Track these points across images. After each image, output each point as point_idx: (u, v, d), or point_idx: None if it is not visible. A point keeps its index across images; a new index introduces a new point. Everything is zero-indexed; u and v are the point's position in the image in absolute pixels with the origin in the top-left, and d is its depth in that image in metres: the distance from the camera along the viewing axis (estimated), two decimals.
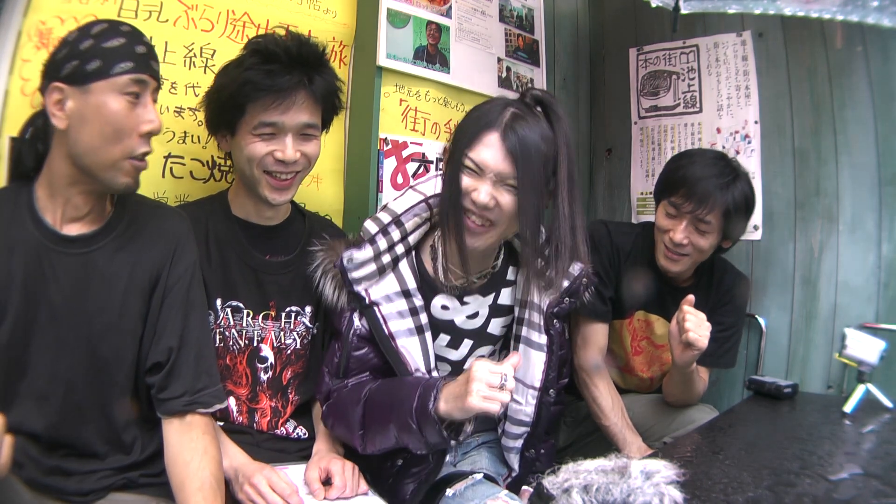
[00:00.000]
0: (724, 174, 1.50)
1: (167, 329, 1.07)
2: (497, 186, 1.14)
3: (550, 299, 1.29)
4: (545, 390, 1.31)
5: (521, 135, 1.12)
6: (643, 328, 1.70)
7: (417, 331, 1.25)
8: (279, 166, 1.21)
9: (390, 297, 1.23)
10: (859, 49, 1.87)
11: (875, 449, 1.25)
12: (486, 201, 1.13)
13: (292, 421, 1.34)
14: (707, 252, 1.56)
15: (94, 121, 0.95)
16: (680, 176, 1.53)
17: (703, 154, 1.59)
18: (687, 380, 1.53)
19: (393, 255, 1.24)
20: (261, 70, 1.16)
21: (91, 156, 0.96)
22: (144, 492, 1.07)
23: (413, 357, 1.23)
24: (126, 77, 0.96)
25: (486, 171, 1.14)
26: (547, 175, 1.16)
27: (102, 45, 0.95)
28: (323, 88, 1.23)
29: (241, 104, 1.18)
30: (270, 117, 1.18)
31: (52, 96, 0.94)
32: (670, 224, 1.54)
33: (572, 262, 1.26)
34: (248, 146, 1.20)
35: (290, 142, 1.21)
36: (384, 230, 1.24)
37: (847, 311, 1.89)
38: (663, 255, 1.58)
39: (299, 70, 1.19)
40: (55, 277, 0.99)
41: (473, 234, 1.17)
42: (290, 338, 1.32)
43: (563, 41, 2.44)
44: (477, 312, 1.33)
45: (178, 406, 1.06)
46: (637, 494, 0.82)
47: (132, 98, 0.97)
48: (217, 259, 1.26)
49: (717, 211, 1.48)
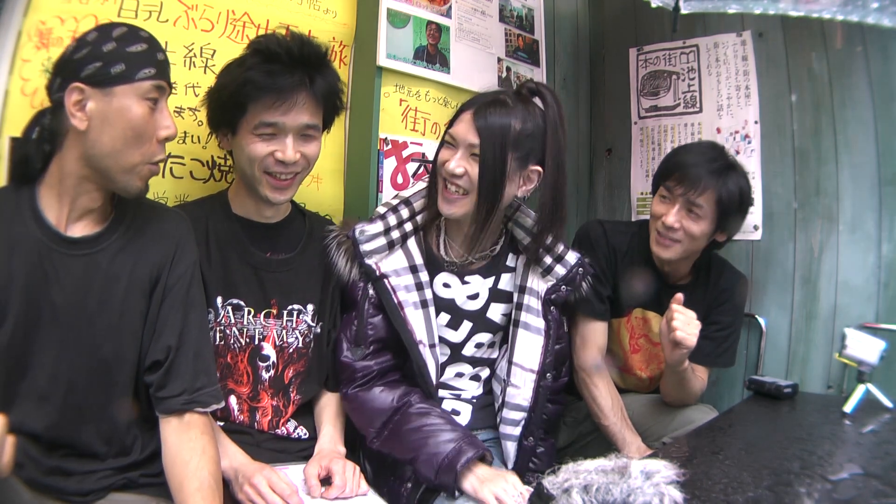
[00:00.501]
0: (716, 160, 1.52)
1: (166, 328, 1.07)
2: (469, 158, 1.27)
3: (548, 286, 1.38)
4: (542, 374, 1.37)
5: (492, 112, 1.25)
6: (641, 326, 1.71)
7: (422, 304, 1.34)
8: (279, 167, 1.22)
9: (398, 271, 1.33)
10: (859, 49, 1.87)
11: (875, 449, 1.25)
12: (454, 169, 1.27)
13: (293, 421, 1.34)
14: (699, 240, 1.55)
15: (117, 124, 0.96)
16: (674, 163, 1.56)
17: (699, 144, 1.63)
18: (681, 378, 1.53)
19: (402, 231, 1.35)
20: (262, 70, 1.16)
21: (111, 158, 0.97)
22: (144, 492, 1.07)
23: (417, 329, 1.31)
24: (149, 83, 0.98)
25: (458, 142, 1.28)
26: (522, 153, 1.27)
27: (126, 49, 0.96)
28: (324, 89, 1.23)
29: (242, 103, 1.18)
30: (271, 117, 1.18)
31: (71, 96, 0.94)
32: (663, 208, 1.55)
33: (556, 243, 1.37)
34: (249, 146, 1.20)
35: (290, 142, 1.21)
36: (394, 208, 1.36)
37: (847, 311, 1.89)
38: (655, 241, 1.58)
39: (301, 70, 1.19)
40: (57, 278, 0.99)
41: (448, 200, 1.31)
42: (293, 336, 1.32)
43: (563, 41, 2.44)
44: (477, 294, 1.41)
45: (177, 405, 1.06)
46: (637, 494, 0.82)
47: (152, 104, 0.99)
48: (217, 257, 1.26)
49: (709, 195, 1.49)
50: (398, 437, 1.25)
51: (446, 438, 1.20)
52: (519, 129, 1.25)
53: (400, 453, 1.25)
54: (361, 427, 1.32)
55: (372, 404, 1.29)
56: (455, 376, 1.45)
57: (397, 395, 1.29)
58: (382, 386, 1.31)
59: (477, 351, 1.45)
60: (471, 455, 1.17)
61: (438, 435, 1.21)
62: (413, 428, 1.24)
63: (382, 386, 1.31)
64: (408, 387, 1.32)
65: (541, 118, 1.29)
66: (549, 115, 1.29)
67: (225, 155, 1.45)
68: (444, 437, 1.21)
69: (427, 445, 1.20)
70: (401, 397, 1.29)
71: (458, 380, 1.46)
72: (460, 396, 1.46)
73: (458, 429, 1.24)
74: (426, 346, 1.33)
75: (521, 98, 1.30)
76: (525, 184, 1.32)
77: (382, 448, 1.28)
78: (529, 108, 1.29)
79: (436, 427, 1.23)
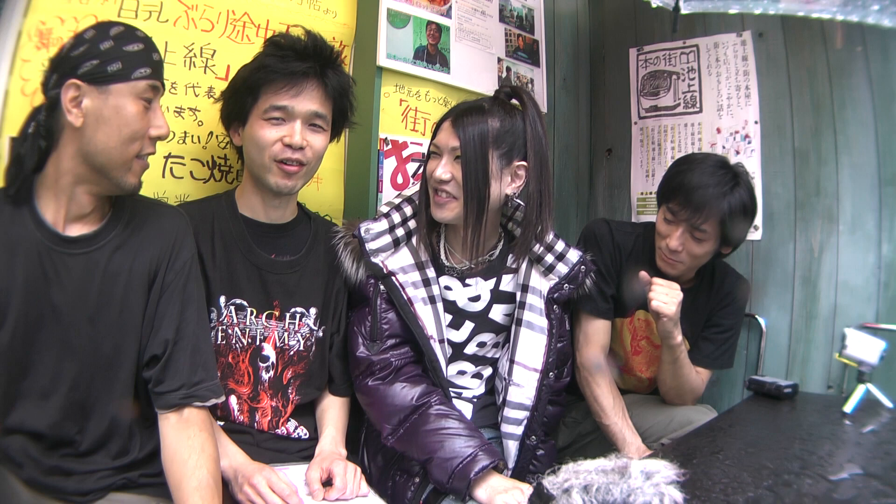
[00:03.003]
0: (722, 183, 1.48)
1: (164, 322, 1.07)
2: (453, 163, 1.30)
3: (551, 284, 1.40)
4: (546, 373, 1.38)
5: (469, 115, 1.30)
6: (643, 328, 1.71)
7: (430, 300, 1.36)
8: (288, 152, 1.23)
9: (405, 268, 1.36)
10: (859, 49, 1.87)
11: (875, 449, 1.24)
12: (441, 175, 1.30)
13: (293, 421, 1.34)
14: (703, 258, 1.57)
15: (113, 121, 0.97)
16: (678, 182, 1.53)
17: (705, 160, 1.55)
18: (675, 360, 1.53)
19: (406, 229, 1.38)
20: (275, 56, 1.21)
21: (105, 155, 0.98)
22: (144, 492, 1.07)
23: (428, 325, 1.33)
24: (144, 83, 0.99)
25: (441, 149, 1.32)
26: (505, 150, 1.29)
27: (123, 48, 0.97)
28: (335, 83, 1.27)
29: (255, 87, 1.22)
30: (281, 100, 1.21)
31: (68, 93, 0.95)
32: (667, 230, 1.55)
33: (543, 233, 1.38)
34: (259, 132, 1.22)
35: (298, 127, 1.23)
36: (397, 206, 1.39)
37: (847, 311, 1.89)
38: (660, 259, 1.60)
39: (312, 59, 1.23)
40: (57, 278, 0.99)
41: (438, 205, 1.33)
42: (294, 339, 1.33)
43: (563, 41, 2.44)
44: (479, 296, 1.42)
45: (175, 399, 1.05)
46: (637, 494, 0.82)
47: (146, 103, 1.00)
48: (222, 257, 1.26)
49: (713, 220, 1.48)
50: (415, 436, 1.25)
51: (463, 444, 1.20)
52: (497, 126, 1.29)
53: (414, 453, 1.25)
54: (377, 421, 1.32)
55: (392, 400, 1.29)
56: (457, 374, 1.45)
57: (417, 394, 1.29)
58: (404, 382, 1.31)
59: (479, 350, 1.45)
60: (486, 463, 1.17)
61: (455, 440, 1.21)
62: (430, 429, 1.24)
63: (404, 382, 1.31)
64: (428, 385, 1.32)
65: (519, 117, 1.32)
66: (528, 113, 1.32)
67: (225, 155, 1.45)
68: (460, 442, 1.21)
69: (443, 449, 1.20)
70: (420, 396, 1.29)
71: (460, 378, 1.46)
72: (462, 395, 1.46)
73: (476, 435, 1.24)
74: (436, 340, 1.34)
75: (497, 102, 1.34)
76: (514, 181, 1.34)
77: (397, 446, 1.28)
78: (507, 108, 1.33)
79: (453, 431, 1.23)
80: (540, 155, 1.32)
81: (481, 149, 1.27)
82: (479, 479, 1.17)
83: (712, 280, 1.69)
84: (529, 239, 1.37)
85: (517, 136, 1.31)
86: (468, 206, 1.29)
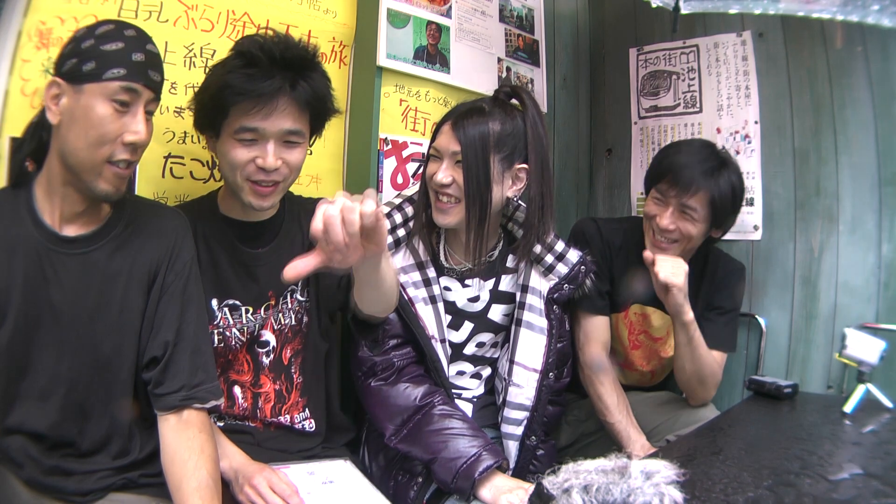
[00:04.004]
0: (709, 160, 1.51)
1: (164, 323, 1.07)
2: (454, 166, 1.29)
3: (551, 285, 1.39)
4: (545, 373, 1.38)
5: (470, 118, 1.28)
6: (640, 321, 1.71)
7: (431, 300, 1.36)
8: (261, 174, 1.17)
9: (406, 268, 1.36)
10: (859, 49, 1.87)
11: (875, 449, 1.24)
12: (442, 179, 1.29)
13: (302, 412, 1.33)
14: (696, 240, 1.56)
15: (81, 122, 0.94)
16: (666, 164, 1.55)
17: (690, 143, 1.61)
18: (690, 340, 1.49)
19: (407, 229, 1.38)
20: (241, 73, 1.11)
21: (74, 156, 0.96)
22: (144, 492, 1.07)
23: (429, 325, 1.34)
24: (116, 84, 0.94)
25: (442, 153, 1.31)
26: (506, 153, 1.29)
27: (101, 47, 0.94)
28: (308, 94, 1.16)
29: (223, 107, 1.14)
30: (251, 122, 1.13)
31: (50, 90, 0.95)
32: (657, 210, 1.56)
33: (545, 235, 1.38)
34: (231, 151, 1.16)
35: (271, 149, 1.15)
36: (398, 207, 1.39)
37: (847, 311, 1.89)
38: (651, 244, 1.58)
39: (281, 75, 1.12)
40: (56, 278, 0.99)
41: (441, 211, 1.33)
42: (287, 317, 1.32)
43: (563, 41, 2.44)
44: (478, 296, 1.42)
45: (174, 401, 1.05)
46: (637, 494, 0.82)
47: (119, 106, 0.95)
48: (207, 259, 1.25)
49: (702, 196, 1.49)
50: (418, 436, 1.25)
51: (467, 444, 1.21)
52: (498, 129, 1.28)
53: (418, 453, 1.25)
54: (380, 421, 1.31)
55: (395, 400, 1.29)
56: (456, 374, 1.45)
57: (420, 394, 1.29)
58: (407, 383, 1.31)
59: (478, 350, 1.45)
60: (490, 463, 1.17)
61: (459, 440, 1.22)
62: (434, 429, 1.24)
63: (407, 383, 1.31)
64: (431, 386, 1.32)
65: (520, 118, 1.31)
66: (528, 114, 1.31)
67: None
68: (464, 442, 1.21)
69: (447, 449, 1.21)
70: (424, 396, 1.29)
71: (460, 378, 1.46)
72: (461, 395, 1.46)
73: (480, 435, 1.24)
74: (437, 340, 1.35)
75: (497, 103, 1.33)
76: (515, 184, 1.34)
77: (400, 446, 1.28)
78: (507, 110, 1.32)
79: (457, 431, 1.23)
80: (541, 157, 1.32)
81: (482, 153, 1.27)
82: (484, 479, 1.17)
83: (705, 267, 1.69)
84: (531, 242, 1.37)
85: (518, 138, 1.30)
86: (470, 210, 1.29)
